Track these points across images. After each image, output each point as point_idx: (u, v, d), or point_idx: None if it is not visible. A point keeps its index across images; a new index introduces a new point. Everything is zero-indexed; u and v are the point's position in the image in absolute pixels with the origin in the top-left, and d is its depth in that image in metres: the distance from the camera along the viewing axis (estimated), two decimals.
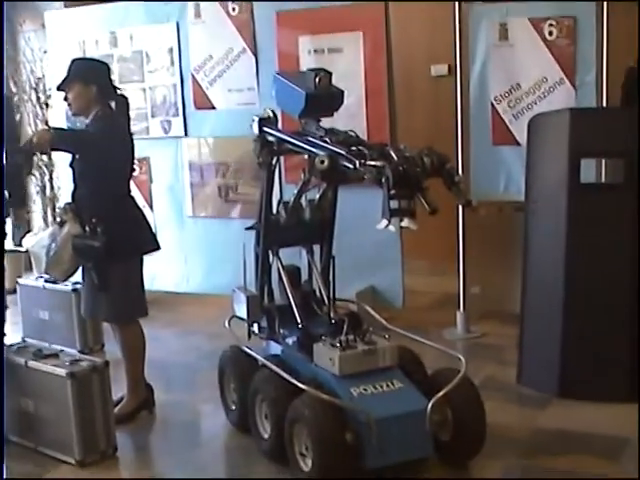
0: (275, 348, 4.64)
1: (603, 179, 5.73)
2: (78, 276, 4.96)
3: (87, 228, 4.64)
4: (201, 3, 6.79)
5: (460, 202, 3.93)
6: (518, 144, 5.95)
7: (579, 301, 4.96)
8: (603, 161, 5.68)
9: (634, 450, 4.25)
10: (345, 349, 4.08)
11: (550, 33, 5.95)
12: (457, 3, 6.16)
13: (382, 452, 3.80)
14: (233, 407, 4.75)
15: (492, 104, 6.14)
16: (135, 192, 5.33)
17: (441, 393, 3.93)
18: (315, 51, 6.46)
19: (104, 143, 4.61)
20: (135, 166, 5.02)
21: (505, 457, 4.29)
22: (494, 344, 6.06)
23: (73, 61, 4.91)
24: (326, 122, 4.38)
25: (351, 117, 5.91)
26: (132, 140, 4.93)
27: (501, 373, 5.46)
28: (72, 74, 4.76)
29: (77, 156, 4.75)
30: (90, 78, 4.75)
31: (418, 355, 4.50)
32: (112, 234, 4.57)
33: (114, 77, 5.29)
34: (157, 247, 4.96)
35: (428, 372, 4.38)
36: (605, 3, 5.75)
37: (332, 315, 4.48)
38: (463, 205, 4.21)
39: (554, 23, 5.93)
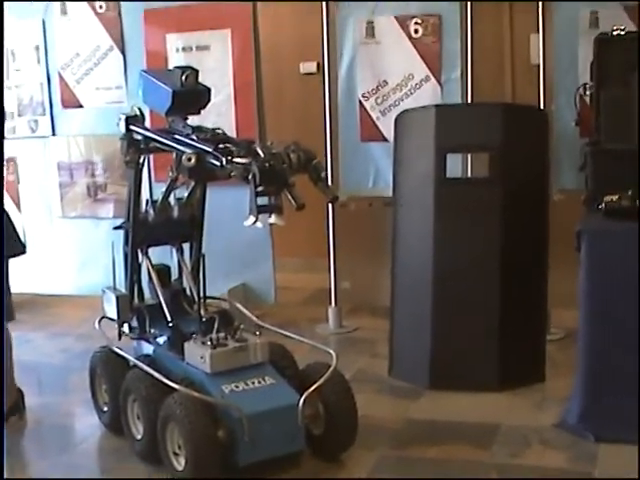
0: (146, 348, 4.60)
1: (470, 173, 5.86)
2: None
3: None
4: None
5: (327, 198, 3.97)
6: (386, 140, 6.02)
7: (447, 294, 5.06)
8: (469, 156, 5.80)
9: (504, 437, 4.38)
10: (216, 347, 4.08)
11: (416, 31, 6.05)
12: (324, 1, 6.23)
13: (254, 448, 3.81)
14: (105, 408, 4.70)
15: (360, 101, 6.21)
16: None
17: (312, 388, 3.96)
18: (183, 49, 6.44)
19: None
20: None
21: (378, 448, 4.34)
22: (366, 338, 6.13)
23: None
24: (195, 120, 4.37)
25: (220, 115, 5.95)
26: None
27: (373, 366, 5.53)
28: None
29: None
30: None
31: (290, 351, 4.52)
32: None
33: None
34: (23, 251, 4.85)
35: (300, 367, 4.41)
36: (469, 2, 5.88)
37: (203, 313, 4.46)
38: (330, 201, 4.24)
39: (420, 21, 6.03)
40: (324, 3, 6.22)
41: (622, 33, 5.31)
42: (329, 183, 3.86)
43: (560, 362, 5.22)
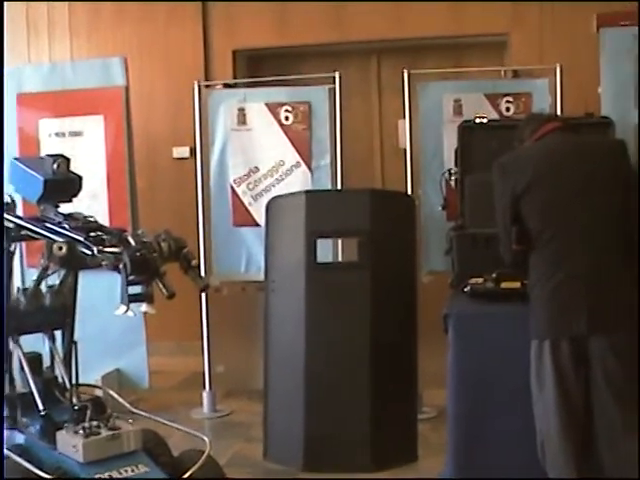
0: (19, 437, 4.52)
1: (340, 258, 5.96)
2: None
3: None
4: None
5: (198, 287, 4.01)
6: (258, 225, 6.10)
7: (319, 376, 5.11)
8: (340, 240, 5.90)
9: None
10: (88, 435, 4.03)
11: (286, 118, 6.19)
12: (197, 86, 6.33)
13: None
14: None
15: (232, 186, 6.29)
16: None
17: (186, 475, 3.95)
18: (57, 134, 6.44)
19: None
20: None
21: None
22: (241, 421, 6.13)
23: None
24: (69, 206, 4.37)
25: (93, 200, 5.93)
26: None
27: (248, 450, 5.53)
28: None
29: None
30: None
31: (163, 437, 4.50)
32: None
33: None
34: None
35: (174, 454, 4.40)
36: (337, 89, 6.05)
37: (75, 401, 4.42)
38: (201, 290, 4.27)
39: (290, 108, 6.18)
40: (196, 88, 6.32)
41: (484, 121, 5.54)
42: (200, 271, 3.88)
43: (433, 440, 5.32)
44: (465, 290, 4.53)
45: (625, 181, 4.05)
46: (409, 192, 6.01)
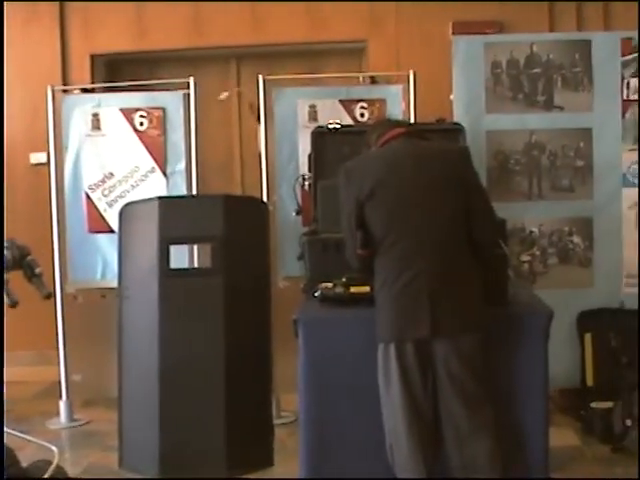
0: None
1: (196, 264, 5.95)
2: None
3: None
4: None
5: (41, 294, 3.96)
6: (113, 231, 6.02)
7: (174, 384, 5.06)
8: (195, 247, 5.89)
9: None
10: None
11: (141, 123, 6.15)
12: (51, 91, 6.24)
13: None
14: None
15: (87, 193, 6.22)
16: None
17: None
18: None
19: None
20: None
21: None
22: (98, 430, 6.07)
23: None
24: None
25: None
26: None
27: (104, 459, 5.48)
28: None
29: None
30: None
31: (12, 449, 4.42)
32: None
33: None
34: None
35: (25, 465, 4.32)
36: (192, 95, 6.04)
37: None
38: (45, 297, 4.21)
39: (144, 114, 6.14)
40: (49, 92, 6.24)
41: (337, 126, 5.59)
42: (43, 280, 3.83)
43: (290, 445, 5.32)
44: (315, 295, 4.57)
45: (468, 185, 4.14)
46: (265, 197, 6.03)
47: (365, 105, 6.13)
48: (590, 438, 5.63)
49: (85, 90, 6.75)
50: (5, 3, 6.51)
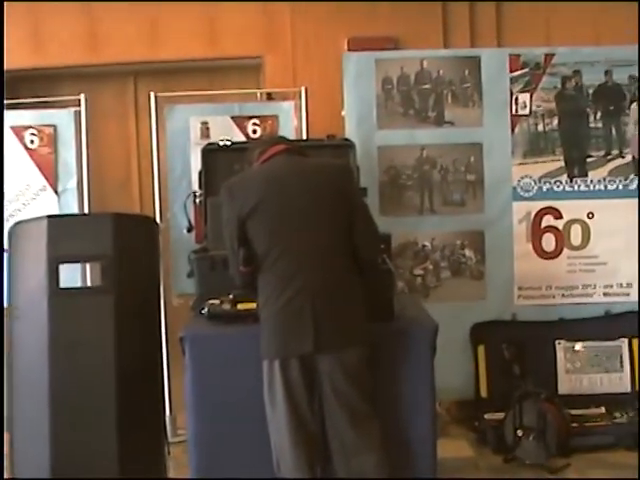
0: None
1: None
2: None
3: None
4: None
5: None
6: (4, 251, 5.95)
7: (65, 405, 5.00)
8: (87, 265, 5.84)
9: None
10: None
11: (32, 141, 6.10)
12: None
13: None
14: None
15: None
16: None
17: None
18: None
19: None
20: None
21: None
22: None
23: None
24: None
25: None
26: None
27: None
28: None
29: None
30: None
31: None
32: None
33: None
34: None
35: None
36: (83, 112, 6.01)
37: None
38: None
39: (35, 132, 6.10)
40: None
41: (228, 143, 5.62)
42: None
43: (184, 462, 5.29)
44: (202, 312, 4.58)
45: (350, 202, 4.19)
46: (159, 214, 6.02)
47: (257, 122, 6.16)
48: (484, 449, 5.72)
49: None
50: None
